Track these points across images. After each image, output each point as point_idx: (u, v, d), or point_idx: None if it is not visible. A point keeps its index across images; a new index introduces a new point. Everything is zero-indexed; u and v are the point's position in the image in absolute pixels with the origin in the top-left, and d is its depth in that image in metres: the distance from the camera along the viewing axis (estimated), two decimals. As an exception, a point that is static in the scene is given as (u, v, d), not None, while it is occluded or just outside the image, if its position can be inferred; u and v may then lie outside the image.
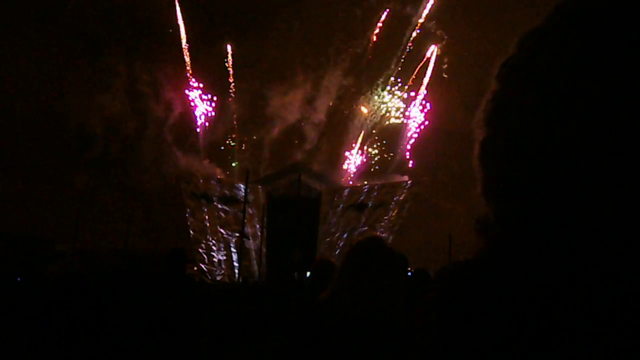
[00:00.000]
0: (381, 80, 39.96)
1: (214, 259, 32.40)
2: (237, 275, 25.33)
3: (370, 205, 34.71)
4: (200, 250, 32.10)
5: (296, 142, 40.38)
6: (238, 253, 28.43)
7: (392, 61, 39.60)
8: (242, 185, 32.27)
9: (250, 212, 32.28)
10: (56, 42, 36.15)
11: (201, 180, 34.51)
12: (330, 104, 40.47)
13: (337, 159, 40.88)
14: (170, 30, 38.00)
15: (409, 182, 35.87)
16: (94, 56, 36.62)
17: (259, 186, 36.20)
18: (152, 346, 4.49)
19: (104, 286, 5.41)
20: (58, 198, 34.58)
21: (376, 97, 40.22)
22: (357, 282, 1.76)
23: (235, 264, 30.51)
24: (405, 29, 39.10)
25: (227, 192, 34.46)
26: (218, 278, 30.03)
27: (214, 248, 32.67)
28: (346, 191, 36.65)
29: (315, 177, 38.61)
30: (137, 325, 4.41)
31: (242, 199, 29.74)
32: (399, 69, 39.68)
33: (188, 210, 33.27)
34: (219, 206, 33.83)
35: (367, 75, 40.44)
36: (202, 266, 31.11)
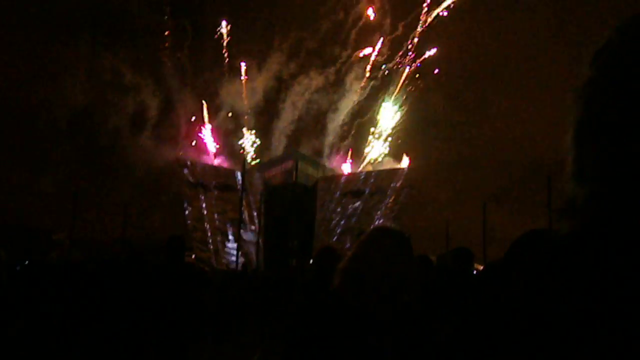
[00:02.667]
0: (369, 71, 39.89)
1: (211, 247, 32.44)
2: (235, 263, 25.36)
3: (367, 192, 34.73)
4: (198, 238, 32.11)
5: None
6: (236, 241, 28.45)
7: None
8: (238, 173, 32.20)
9: (247, 199, 32.25)
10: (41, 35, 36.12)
11: (198, 168, 34.43)
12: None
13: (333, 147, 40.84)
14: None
15: (406, 168, 35.88)
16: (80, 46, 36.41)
17: (256, 173, 36.15)
18: (153, 334, 4.49)
19: (103, 275, 5.39)
20: (54, 188, 34.52)
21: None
22: (376, 270, 1.72)
23: (233, 251, 30.55)
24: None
25: (223, 179, 34.40)
26: (215, 265, 30.08)
27: (211, 235, 32.69)
28: (343, 178, 36.63)
29: (312, 164, 38.58)
30: (138, 313, 4.40)
31: (239, 187, 29.69)
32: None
33: (185, 198, 33.24)
34: (216, 194, 33.79)
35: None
36: (200, 254, 31.14)
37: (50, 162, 36.95)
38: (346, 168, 39.56)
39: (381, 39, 39.18)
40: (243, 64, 39.16)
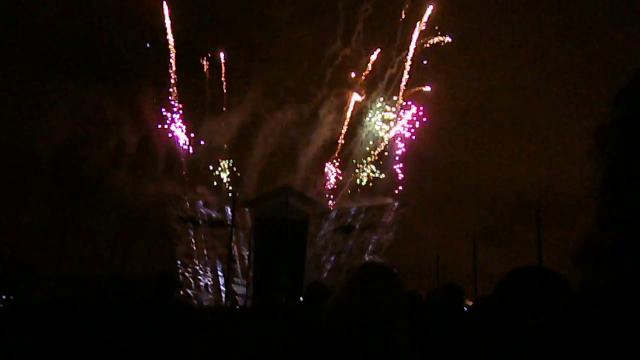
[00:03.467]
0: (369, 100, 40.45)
1: (201, 284, 31.98)
2: (224, 300, 25.00)
3: (357, 227, 34.65)
4: (187, 274, 31.70)
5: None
6: (225, 277, 28.12)
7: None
8: (229, 208, 32.05)
9: (237, 235, 32.02)
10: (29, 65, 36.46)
11: (188, 204, 34.24)
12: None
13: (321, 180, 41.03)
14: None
15: (396, 204, 35.94)
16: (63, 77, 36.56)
17: (246, 209, 36.01)
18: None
19: (91, 312, 5.32)
20: (41, 222, 34.09)
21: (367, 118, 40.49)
22: (364, 308, 1.73)
23: (223, 288, 30.15)
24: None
25: (214, 215, 34.21)
26: (205, 303, 29.61)
27: (200, 272, 32.28)
28: (334, 214, 36.57)
29: (303, 200, 38.53)
30: (127, 351, 4.33)
31: (229, 222, 29.54)
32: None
33: (174, 233, 32.93)
34: (206, 229, 33.54)
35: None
36: (189, 291, 30.68)
37: (35, 195, 36.63)
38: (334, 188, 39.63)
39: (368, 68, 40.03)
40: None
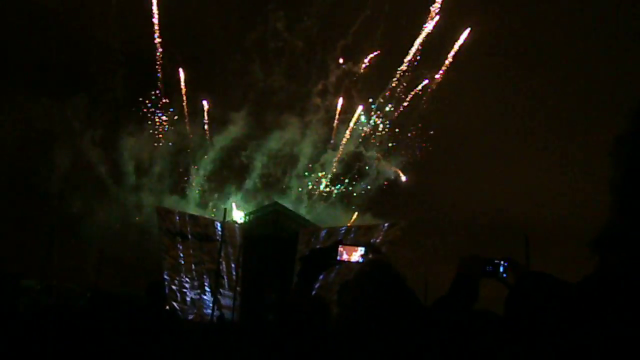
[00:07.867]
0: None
1: (187, 298, 31.60)
2: (210, 315, 24.74)
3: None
4: (173, 287, 31.33)
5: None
6: (212, 292, 27.88)
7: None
8: (218, 223, 31.88)
9: (226, 250, 31.81)
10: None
11: (177, 217, 34.00)
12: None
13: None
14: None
15: (386, 224, 35.96)
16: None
17: (236, 224, 35.89)
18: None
19: (80, 319, 5.28)
20: (25, 231, 33.70)
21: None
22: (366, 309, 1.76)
23: (209, 303, 29.84)
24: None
25: (203, 229, 33.96)
26: (190, 317, 29.24)
27: (187, 286, 31.91)
28: (323, 232, 36.49)
29: (292, 217, 38.50)
30: (121, 351, 4.29)
31: (218, 237, 29.39)
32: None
33: (162, 247, 32.61)
34: (195, 244, 33.25)
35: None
36: (175, 305, 30.29)
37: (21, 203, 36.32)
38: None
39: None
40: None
